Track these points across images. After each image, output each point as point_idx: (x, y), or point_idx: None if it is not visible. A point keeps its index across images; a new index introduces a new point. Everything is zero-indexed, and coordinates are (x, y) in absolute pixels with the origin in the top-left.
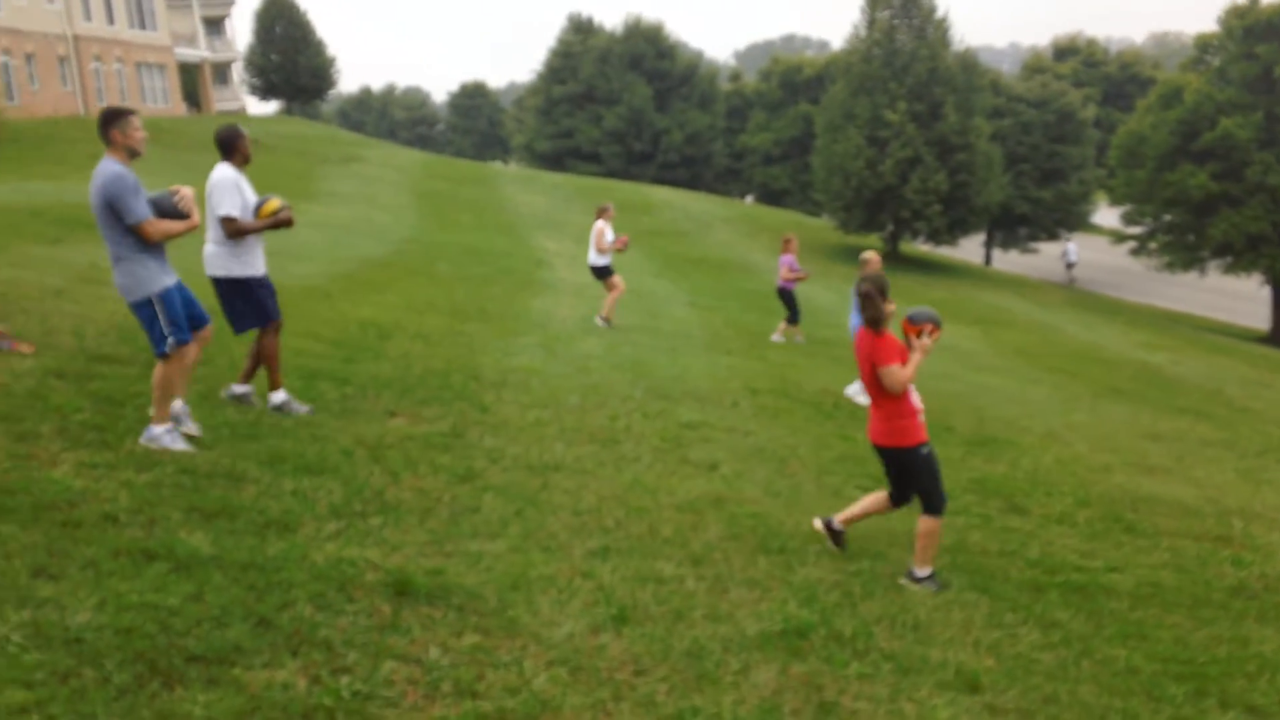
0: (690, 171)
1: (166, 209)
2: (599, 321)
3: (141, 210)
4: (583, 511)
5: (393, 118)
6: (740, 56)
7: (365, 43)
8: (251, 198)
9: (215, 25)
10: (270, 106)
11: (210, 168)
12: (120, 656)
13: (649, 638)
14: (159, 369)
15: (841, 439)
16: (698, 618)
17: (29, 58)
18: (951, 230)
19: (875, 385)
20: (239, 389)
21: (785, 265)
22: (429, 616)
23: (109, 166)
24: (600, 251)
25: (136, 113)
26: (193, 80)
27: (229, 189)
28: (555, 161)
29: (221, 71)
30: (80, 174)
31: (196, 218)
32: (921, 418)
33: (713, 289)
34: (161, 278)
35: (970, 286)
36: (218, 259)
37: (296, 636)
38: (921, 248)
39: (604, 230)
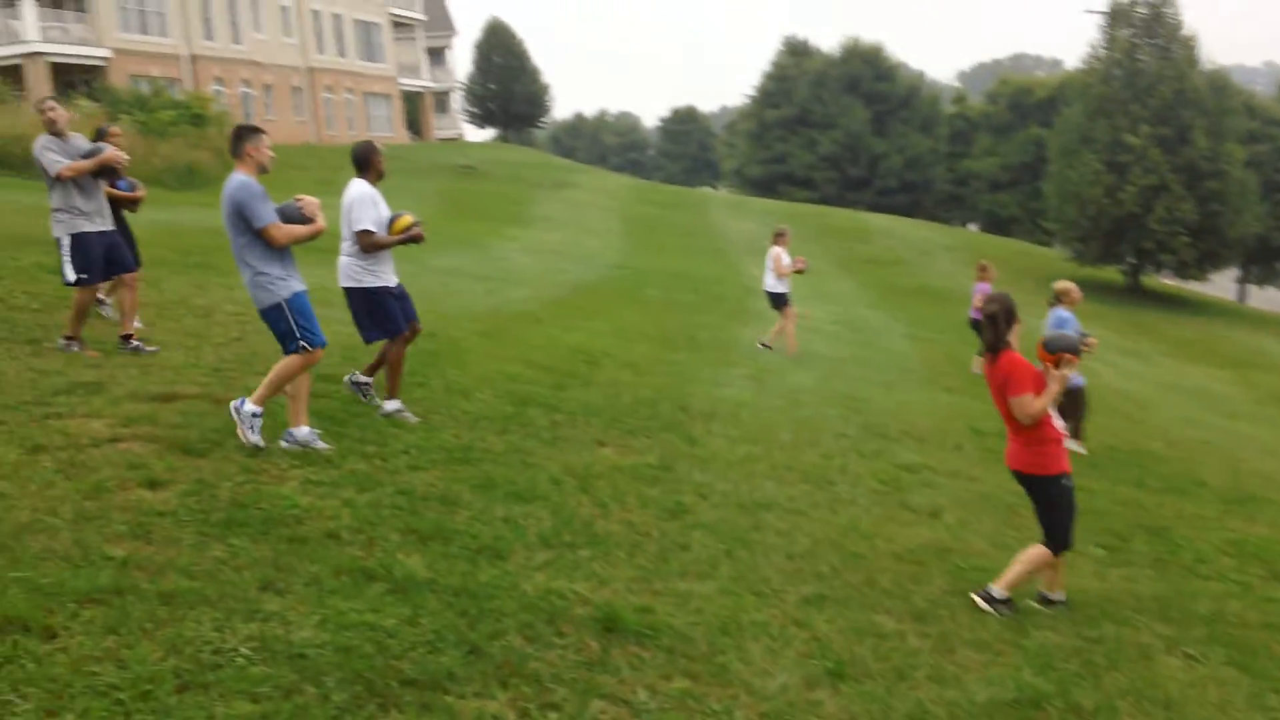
0: (909, 198)
1: (293, 216)
2: (760, 345)
3: (267, 214)
4: (796, 555)
5: (604, 143)
6: (965, 77)
7: (579, 69)
8: (386, 212)
9: (437, 55)
10: (487, 134)
11: (428, 192)
12: (339, 675)
13: (868, 697)
14: (287, 360)
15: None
16: (921, 678)
17: (267, 89)
18: (1201, 264)
19: (1010, 414)
20: (361, 378)
21: (980, 294)
22: (637, 656)
23: (237, 176)
24: (779, 277)
25: (266, 132)
26: (415, 109)
27: (367, 204)
28: (767, 187)
29: (441, 100)
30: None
31: (321, 223)
32: (1065, 444)
33: (932, 320)
34: (291, 284)
35: (1223, 325)
36: (350, 270)
37: (506, 668)
38: (1166, 282)
39: (780, 255)
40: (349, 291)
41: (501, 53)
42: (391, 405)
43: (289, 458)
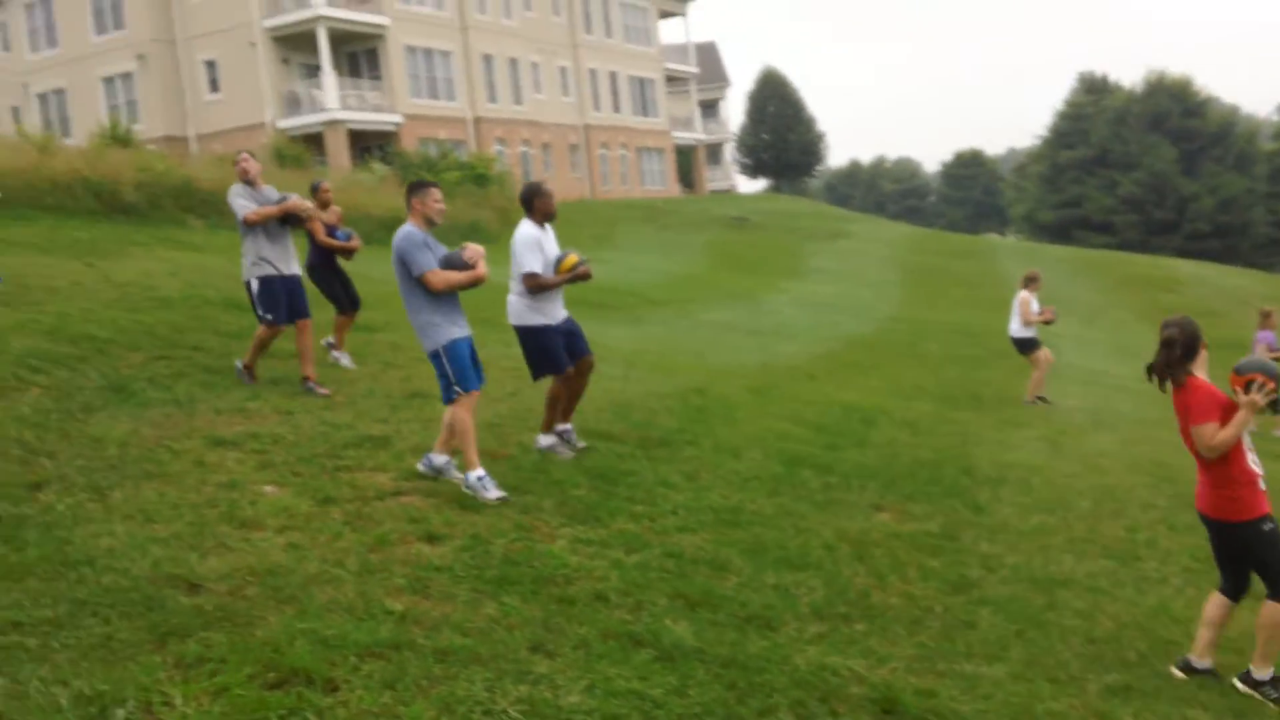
0: (1223, 242)
1: (455, 263)
2: (1027, 401)
3: (425, 262)
4: (1097, 639)
5: (881, 190)
6: None
7: (856, 115)
8: (553, 252)
9: (711, 108)
10: (759, 184)
11: (697, 245)
12: None
13: None
14: (450, 412)
15: None
16: None
17: (546, 147)
18: None
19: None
20: (563, 426)
21: (1263, 343)
22: None
23: (403, 228)
24: (1025, 323)
25: (438, 185)
26: (687, 161)
27: (530, 246)
28: (1060, 233)
29: (714, 152)
30: (586, 254)
31: (482, 270)
32: (1262, 485)
33: None
34: (449, 330)
35: None
36: (516, 309)
37: None
38: None
39: (1029, 301)
40: (517, 330)
41: (775, 102)
42: (546, 440)
43: (560, 516)
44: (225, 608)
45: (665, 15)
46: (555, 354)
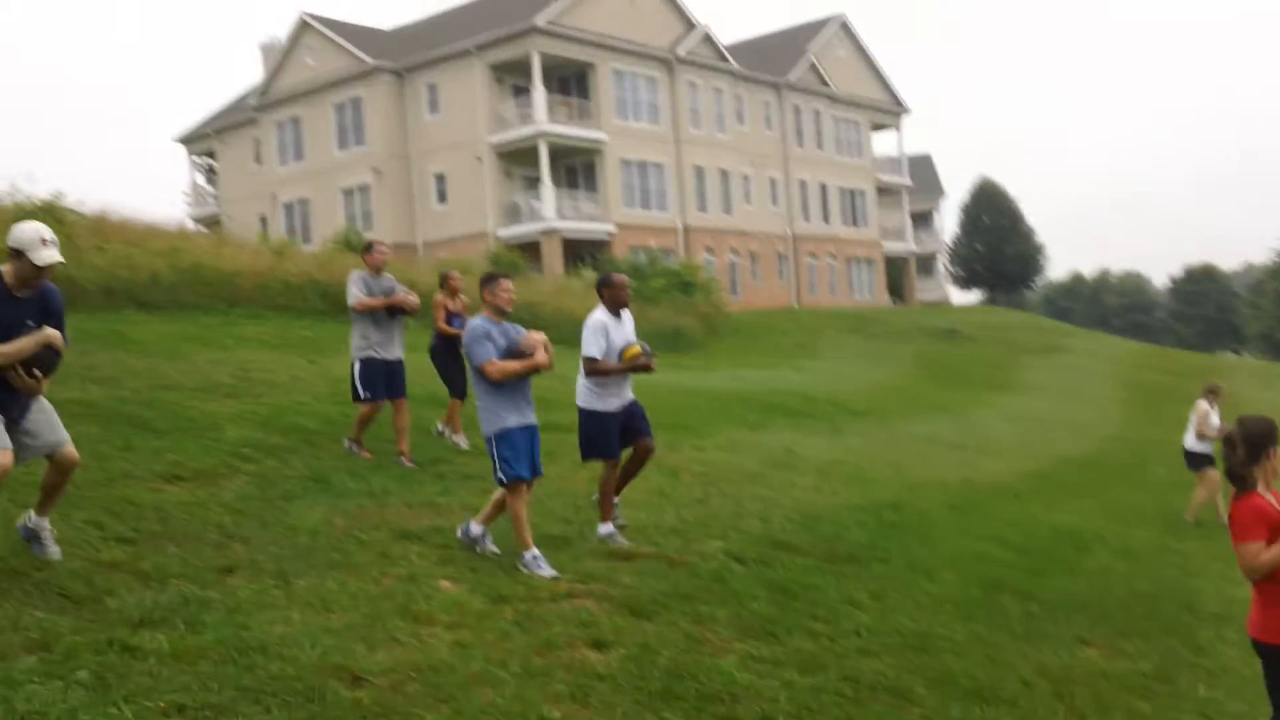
0: None
1: (516, 351)
2: (1188, 518)
3: (483, 354)
4: None
5: (1104, 304)
6: None
7: (1079, 227)
8: (619, 340)
9: (924, 219)
10: (973, 296)
11: (905, 356)
12: None
13: None
14: (505, 498)
15: None
16: None
17: (753, 256)
18: None
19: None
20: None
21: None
22: None
23: (472, 320)
24: (1200, 437)
25: (509, 276)
26: (898, 272)
27: (596, 331)
28: None
29: (926, 263)
30: (789, 363)
31: (539, 358)
32: None
33: None
34: (506, 418)
35: None
36: (580, 391)
37: None
38: None
39: (1209, 414)
40: (579, 411)
41: (991, 213)
42: (605, 529)
43: (734, 629)
44: (383, 703)
45: (878, 128)
46: (607, 441)
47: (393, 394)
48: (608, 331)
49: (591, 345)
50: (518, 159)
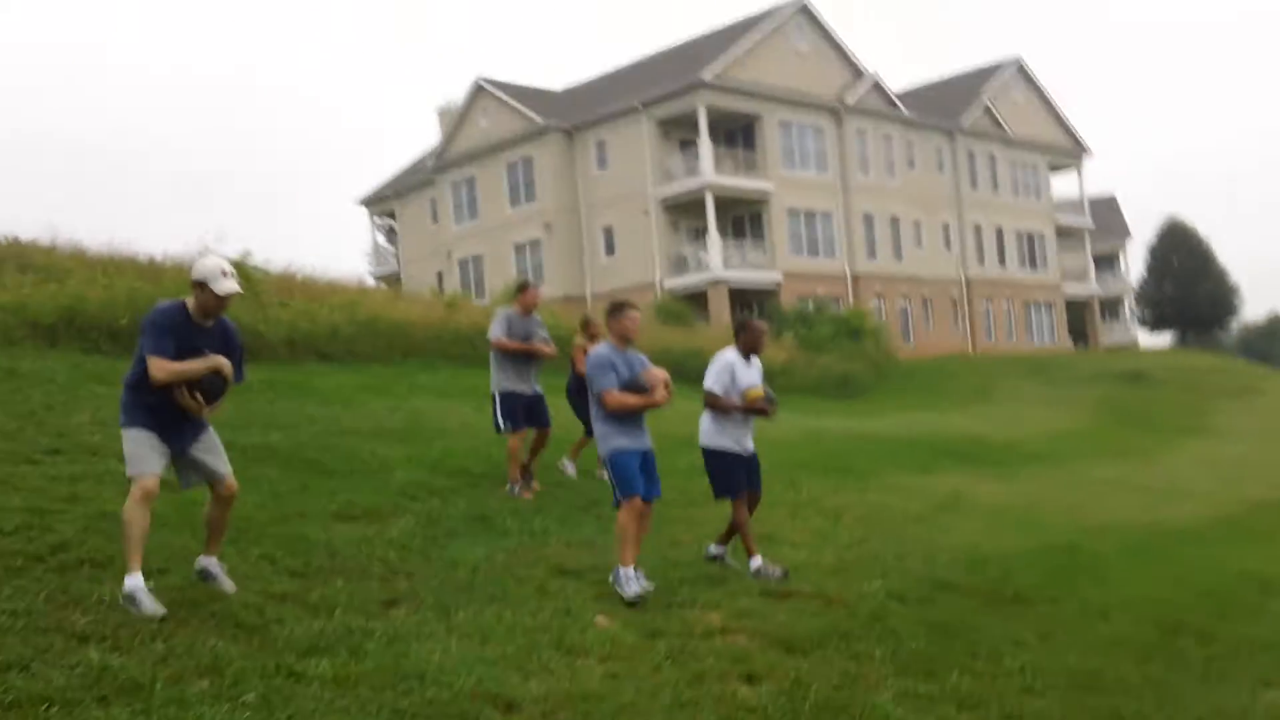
0: None
1: (637, 386)
2: None
3: (605, 383)
4: None
5: None
6: None
7: (1277, 267)
8: (745, 382)
9: (1109, 261)
10: (1163, 339)
11: (1088, 400)
12: None
13: None
14: (620, 516)
15: None
16: None
17: (925, 302)
18: None
19: None
20: (714, 550)
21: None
22: None
23: (598, 347)
24: None
25: (635, 306)
26: (1080, 315)
27: (722, 369)
28: None
29: (1111, 306)
30: (962, 408)
31: (658, 396)
32: None
33: None
34: (619, 440)
35: None
36: (703, 431)
37: None
38: None
39: None
40: (702, 450)
41: (1181, 254)
42: (755, 563)
43: (891, 665)
44: None
45: (1057, 169)
46: (731, 479)
47: (534, 423)
48: (734, 371)
49: (714, 380)
50: (684, 211)
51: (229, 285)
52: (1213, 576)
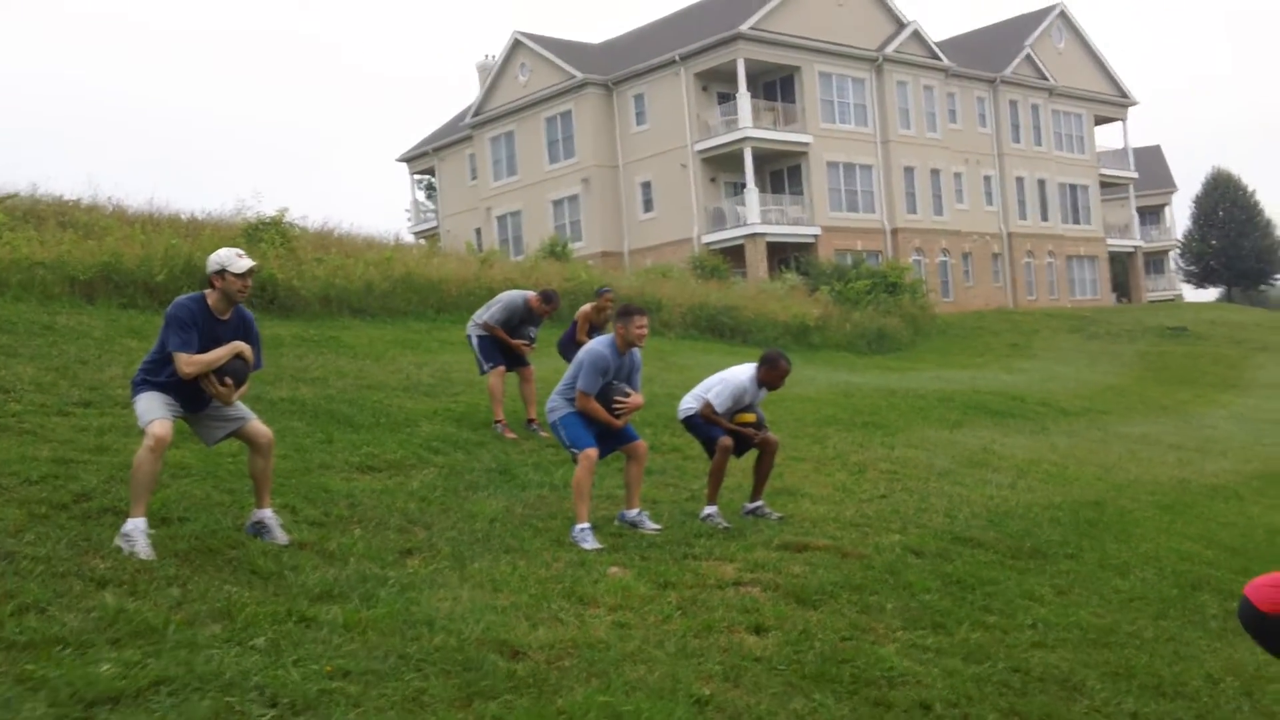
0: None
1: (609, 396)
2: None
3: (587, 384)
4: None
5: None
6: None
7: None
8: (746, 404)
9: (1152, 214)
10: (1209, 293)
11: (1127, 355)
12: None
13: None
14: (576, 471)
15: None
16: None
17: (965, 256)
18: None
19: None
20: (749, 505)
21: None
22: None
23: (603, 341)
24: None
25: (645, 314)
26: (1123, 269)
27: (732, 391)
28: None
29: (1155, 260)
30: (1000, 363)
31: (620, 422)
32: None
33: None
34: (572, 415)
35: None
36: (682, 406)
37: None
38: None
39: None
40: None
41: (1227, 206)
42: (706, 510)
43: (900, 619)
44: (537, 675)
45: (1101, 121)
46: (715, 428)
47: (514, 364)
48: (743, 397)
49: (720, 401)
50: (723, 165)
51: (246, 262)
52: (1240, 533)
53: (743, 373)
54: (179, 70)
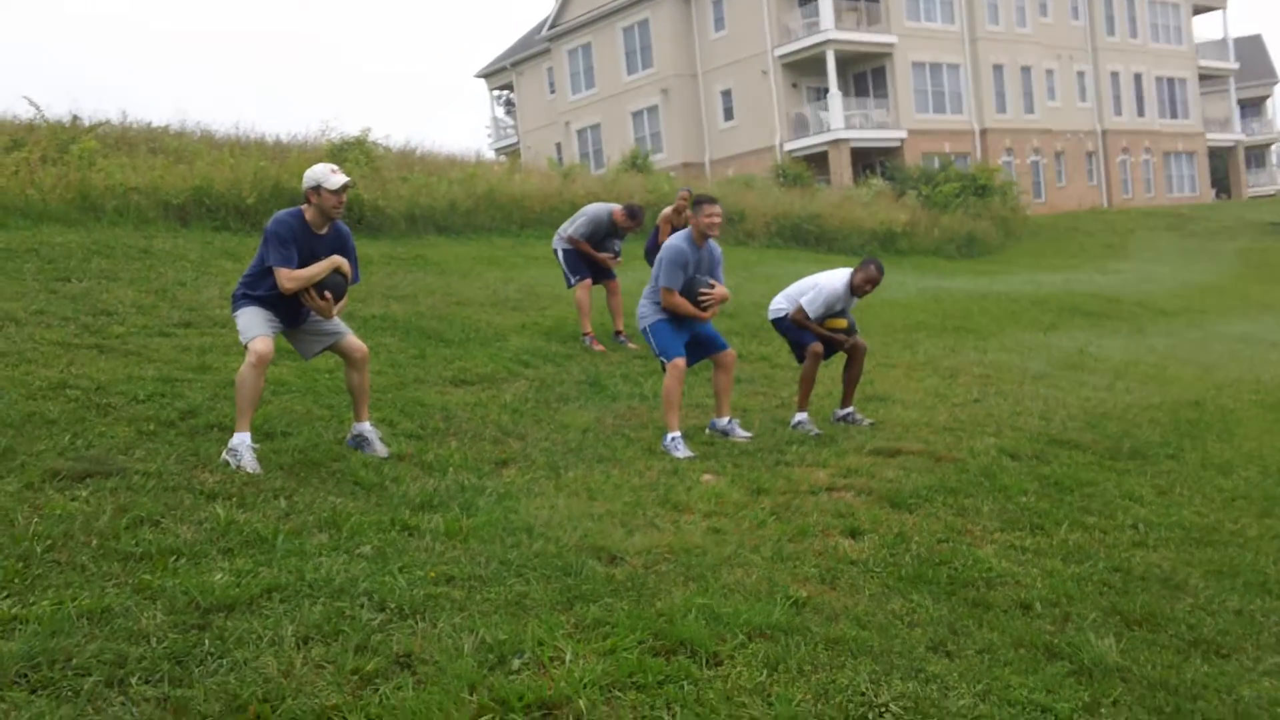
0: None
1: (694, 289)
2: None
3: (669, 279)
4: None
5: None
6: None
7: None
8: (840, 308)
9: (1254, 106)
10: None
11: (1226, 252)
12: None
13: None
14: (665, 380)
15: None
16: None
17: (1058, 155)
18: None
19: None
20: (840, 412)
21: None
22: None
23: (679, 237)
24: None
25: (717, 201)
26: (1223, 165)
27: (825, 299)
28: None
29: (1257, 154)
30: (1094, 265)
31: (709, 314)
32: None
33: None
34: (661, 318)
35: None
36: (773, 306)
37: None
38: None
39: None
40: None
41: None
42: (797, 417)
43: (998, 521)
44: (635, 579)
45: (1200, 10)
46: (804, 334)
47: (600, 277)
48: (836, 304)
49: (813, 308)
50: (804, 70)
51: (340, 178)
52: None
53: (837, 279)
54: None
